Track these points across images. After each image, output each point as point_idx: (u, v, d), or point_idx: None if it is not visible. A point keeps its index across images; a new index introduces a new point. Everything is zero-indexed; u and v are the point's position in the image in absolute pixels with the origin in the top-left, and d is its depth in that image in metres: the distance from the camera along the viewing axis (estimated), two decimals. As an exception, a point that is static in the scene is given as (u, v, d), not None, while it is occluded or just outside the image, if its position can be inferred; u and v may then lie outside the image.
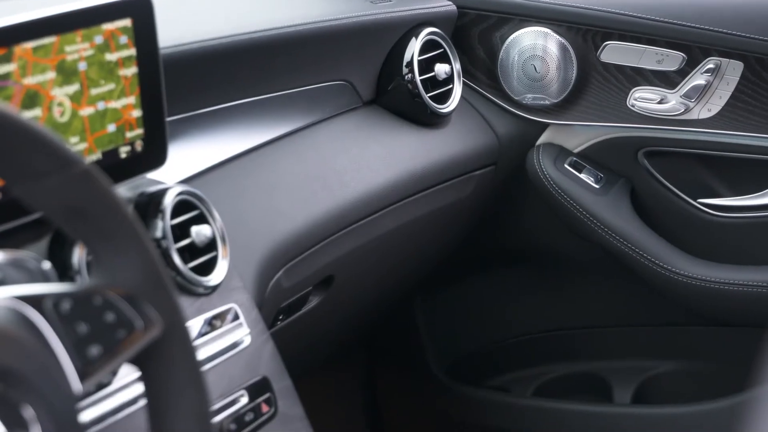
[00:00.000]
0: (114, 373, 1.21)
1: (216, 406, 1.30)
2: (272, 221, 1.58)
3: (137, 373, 1.21)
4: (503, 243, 2.30)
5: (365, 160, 1.81)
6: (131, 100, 1.28)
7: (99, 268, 0.91)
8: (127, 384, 1.23)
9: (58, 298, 0.86)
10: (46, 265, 0.93)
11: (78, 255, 1.20)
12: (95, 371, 0.86)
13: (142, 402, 1.21)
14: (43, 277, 0.92)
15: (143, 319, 0.90)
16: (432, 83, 1.95)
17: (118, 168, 1.27)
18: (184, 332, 0.93)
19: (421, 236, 2.06)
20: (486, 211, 2.18)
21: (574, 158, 2.09)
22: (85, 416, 1.13)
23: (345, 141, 1.81)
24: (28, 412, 0.77)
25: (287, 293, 1.65)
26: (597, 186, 2.08)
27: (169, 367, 0.92)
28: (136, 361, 0.91)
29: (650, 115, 1.99)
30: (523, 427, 2.27)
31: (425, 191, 1.93)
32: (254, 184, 1.60)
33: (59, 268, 1.17)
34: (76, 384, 0.84)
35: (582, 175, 2.08)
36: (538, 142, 2.10)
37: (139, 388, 1.22)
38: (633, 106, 2.00)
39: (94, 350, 0.86)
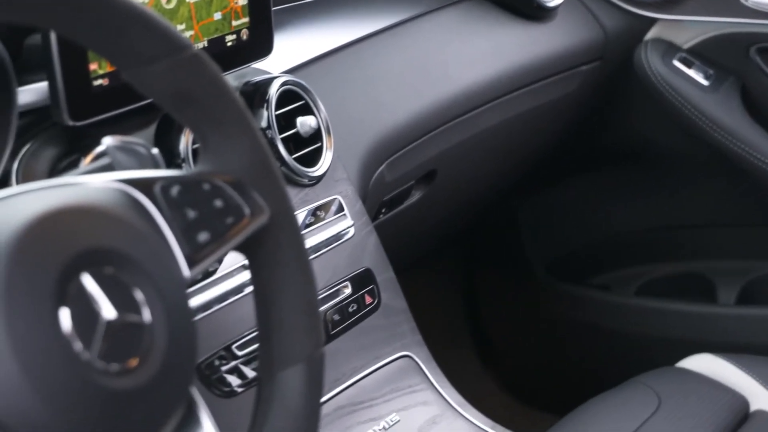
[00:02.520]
0: (219, 261, 1.22)
1: (320, 297, 1.30)
2: (376, 113, 1.57)
3: (243, 261, 1.23)
4: (607, 141, 2.26)
5: (470, 53, 1.78)
6: (237, -12, 1.27)
7: (207, 155, 0.91)
8: (232, 272, 1.24)
9: (167, 183, 0.86)
10: (155, 151, 0.93)
11: (184, 142, 1.21)
12: (203, 258, 0.86)
13: (248, 290, 1.23)
14: (153, 163, 0.92)
15: (251, 205, 0.89)
16: (538, -24, 1.91)
17: (224, 57, 1.26)
18: (292, 219, 0.93)
19: (524, 132, 2.03)
20: (590, 108, 2.14)
21: (684, 54, 2.04)
22: (193, 303, 1.14)
23: (449, 34, 1.79)
24: (139, 296, 0.78)
25: (390, 186, 1.64)
26: (706, 83, 2.03)
27: (276, 254, 0.92)
28: (243, 248, 0.91)
29: (764, 10, 1.93)
30: (625, 326, 2.25)
31: (529, 86, 1.90)
32: (359, 76, 1.59)
33: (165, 155, 1.18)
34: (184, 270, 0.85)
35: (691, 72, 2.03)
36: (647, 37, 2.05)
37: (245, 276, 1.24)
38: (746, 0, 1.94)
39: (203, 236, 0.86)
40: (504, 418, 1.43)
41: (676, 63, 2.04)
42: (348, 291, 1.36)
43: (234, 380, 1.21)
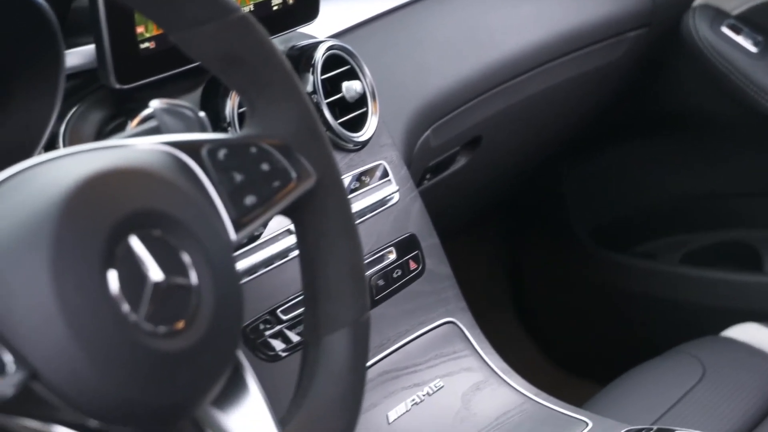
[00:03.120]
0: (264, 226, 1.22)
1: (364, 262, 1.30)
2: (422, 79, 1.57)
3: (288, 226, 1.23)
4: (653, 108, 2.24)
5: (516, 18, 1.77)
6: (283, -49, 1.27)
7: (253, 119, 0.91)
8: (277, 236, 1.24)
9: (214, 146, 0.86)
10: (202, 114, 0.92)
11: (230, 106, 1.21)
12: (250, 221, 0.86)
13: (293, 254, 1.23)
14: (200, 126, 0.92)
15: (298, 169, 0.89)
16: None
17: (270, 21, 1.25)
18: (339, 184, 0.92)
19: (569, 99, 2.02)
20: (636, 75, 2.12)
21: (732, 21, 2.02)
22: (238, 267, 1.14)
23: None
24: (186, 258, 0.78)
25: (435, 152, 1.64)
26: (755, 50, 2.00)
27: (322, 217, 0.91)
28: (289, 212, 0.91)
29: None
30: (669, 294, 2.24)
31: (576, 52, 1.88)
32: (404, 41, 1.58)
33: (211, 119, 1.18)
34: (231, 233, 0.85)
35: (739, 39, 2.01)
36: (695, 3, 2.03)
37: (290, 240, 1.24)
38: (797, -35, 1.92)
39: (249, 200, 0.86)
40: (546, 386, 1.42)
41: (725, 30, 2.01)
42: (393, 257, 1.36)
43: (278, 345, 1.21)
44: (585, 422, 1.30)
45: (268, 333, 1.20)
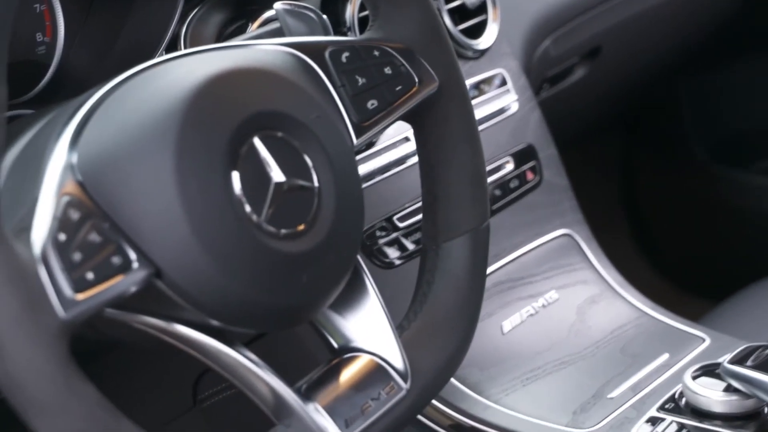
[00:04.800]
0: (380, 132, 1.21)
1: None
2: (543, -15, 1.54)
3: (405, 133, 1.22)
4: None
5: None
6: None
7: (377, 22, 0.90)
8: (395, 143, 1.23)
9: (337, 49, 0.85)
10: (324, 17, 0.92)
11: (350, 11, 1.19)
12: (371, 125, 0.86)
13: (411, 161, 1.22)
14: (323, 29, 0.91)
15: (420, 74, 0.88)
16: None
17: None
18: (461, 89, 0.91)
19: (692, 8, 1.96)
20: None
21: None
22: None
23: None
24: (308, 161, 0.77)
25: (553, 62, 1.61)
26: None
27: (444, 123, 0.90)
28: (410, 117, 0.90)
29: None
30: (789, 212, 2.19)
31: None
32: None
33: (331, 24, 1.17)
34: (353, 137, 0.84)
35: None
36: None
37: (407, 147, 1.23)
38: None
39: (371, 103, 0.85)
40: (660, 302, 1.40)
41: None
42: (510, 167, 1.34)
43: (393, 252, 1.21)
44: (702, 338, 1.28)
45: (383, 240, 1.20)
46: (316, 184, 0.77)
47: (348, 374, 0.82)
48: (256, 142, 0.75)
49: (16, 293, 0.63)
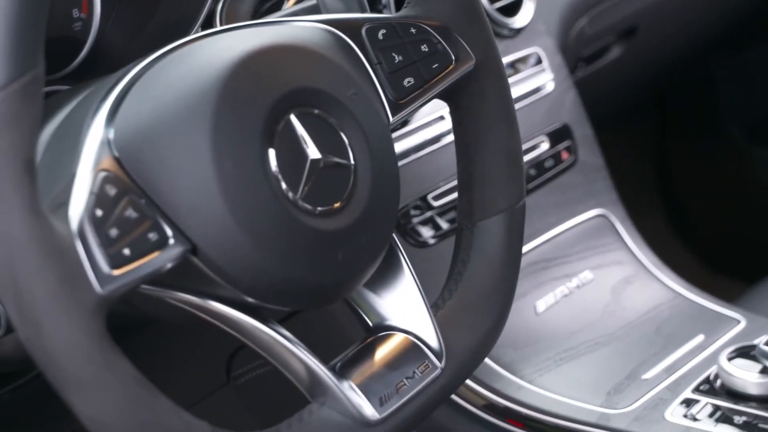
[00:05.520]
0: (416, 110, 1.21)
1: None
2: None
3: (440, 112, 1.22)
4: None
5: None
6: None
7: (414, 0, 0.89)
8: (429, 122, 1.23)
9: (374, 26, 0.84)
10: (363, -5, 0.91)
11: (386, -12, 1.19)
12: (408, 103, 0.85)
13: (445, 140, 1.22)
14: (359, 7, 0.91)
15: (457, 52, 0.88)
16: None
17: None
18: (498, 67, 0.90)
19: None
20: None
21: None
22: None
23: None
24: (344, 138, 0.77)
25: (589, 41, 1.60)
26: None
27: (480, 101, 0.90)
28: (446, 95, 0.90)
29: None
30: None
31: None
32: None
33: (368, 0, 1.16)
34: (389, 114, 0.84)
35: None
36: None
37: (442, 126, 1.22)
38: None
39: (408, 81, 0.85)
40: (694, 283, 1.39)
41: None
42: (545, 146, 1.34)
43: (427, 231, 1.21)
44: (737, 320, 1.27)
45: (417, 219, 1.20)
46: (352, 161, 0.77)
47: (383, 353, 0.82)
48: (293, 119, 0.74)
49: (54, 268, 0.63)
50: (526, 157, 1.31)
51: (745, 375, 1.07)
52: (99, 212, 0.67)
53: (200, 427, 0.70)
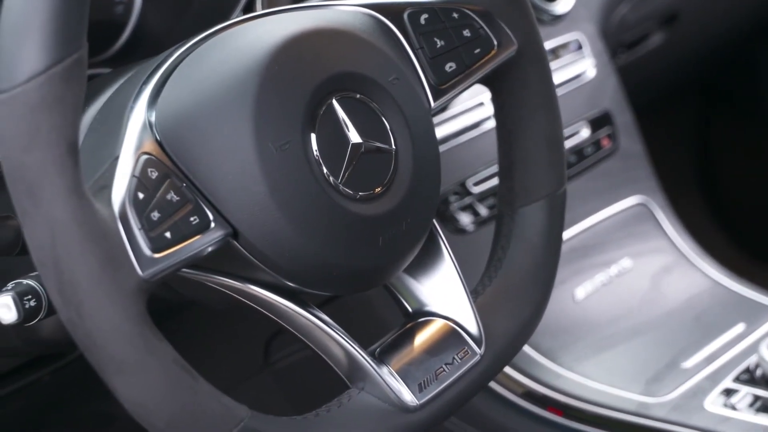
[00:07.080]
0: (457, 96, 1.20)
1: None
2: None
3: (479, 98, 1.21)
4: None
5: None
6: None
7: (455, -16, 0.89)
8: (470, 108, 1.22)
9: (416, 10, 0.84)
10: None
11: (428, -27, 1.18)
12: (449, 89, 0.85)
13: (485, 126, 1.21)
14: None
15: (499, 37, 0.87)
16: None
17: None
18: (540, 53, 0.90)
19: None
20: None
21: None
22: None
23: None
24: (386, 123, 0.77)
25: (630, 27, 1.58)
26: None
27: (522, 87, 0.89)
28: (488, 81, 0.89)
29: None
30: None
31: None
32: None
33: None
34: (430, 100, 0.83)
35: None
36: None
37: (482, 112, 1.22)
38: None
39: (450, 66, 0.84)
40: (736, 272, 1.38)
41: None
42: (586, 133, 1.33)
43: (466, 218, 1.20)
44: (777, 310, 1.26)
45: (456, 205, 1.19)
46: (393, 146, 0.77)
47: (422, 338, 0.82)
48: (335, 103, 0.74)
49: (96, 251, 0.63)
50: (566, 144, 1.30)
51: (786, 365, 1.06)
52: (141, 195, 0.67)
53: (239, 411, 0.70)
